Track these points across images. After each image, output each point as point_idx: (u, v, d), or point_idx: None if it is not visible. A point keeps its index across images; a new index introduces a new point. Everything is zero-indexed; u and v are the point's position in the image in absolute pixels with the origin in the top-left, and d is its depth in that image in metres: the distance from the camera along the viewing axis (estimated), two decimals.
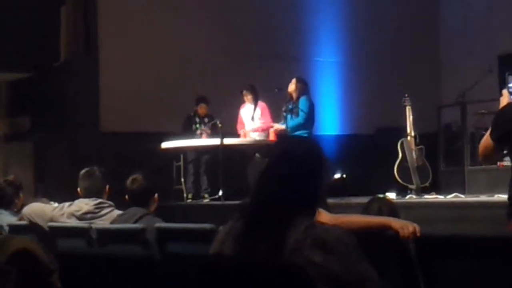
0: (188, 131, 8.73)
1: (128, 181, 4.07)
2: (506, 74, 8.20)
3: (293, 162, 2.16)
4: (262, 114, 8.40)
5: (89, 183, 4.25)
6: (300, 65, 10.17)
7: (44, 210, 4.35)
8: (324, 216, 2.63)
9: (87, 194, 4.23)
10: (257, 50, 10.18)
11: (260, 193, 2.15)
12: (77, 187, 4.34)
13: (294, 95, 8.01)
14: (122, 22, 9.66)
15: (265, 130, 8.39)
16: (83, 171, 4.31)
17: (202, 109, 8.82)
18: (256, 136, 8.41)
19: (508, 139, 2.95)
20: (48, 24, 9.57)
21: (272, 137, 8.26)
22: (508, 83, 8.11)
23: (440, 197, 7.36)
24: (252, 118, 8.42)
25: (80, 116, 9.43)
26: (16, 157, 9.58)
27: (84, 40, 9.66)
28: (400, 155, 7.87)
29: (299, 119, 7.86)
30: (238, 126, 8.57)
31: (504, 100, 3.04)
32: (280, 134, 8.02)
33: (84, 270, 3.78)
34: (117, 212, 4.17)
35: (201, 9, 10.11)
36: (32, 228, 4.28)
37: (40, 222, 4.27)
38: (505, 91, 3.10)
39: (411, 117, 7.96)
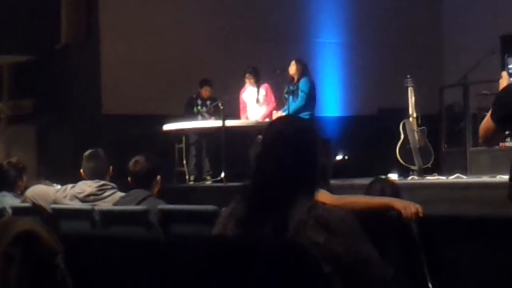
0: (189, 112, 8.73)
1: (131, 163, 4.08)
2: (506, 56, 8.17)
3: (287, 141, 2.16)
4: (266, 95, 8.38)
5: (93, 164, 4.26)
6: (301, 46, 10.14)
7: (47, 192, 4.36)
8: (326, 197, 2.64)
9: (91, 176, 4.24)
10: (258, 32, 10.14)
11: (259, 174, 2.16)
12: (79, 169, 4.35)
13: (295, 77, 8.00)
14: (123, 4, 9.62)
15: (270, 115, 8.34)
16: (87, 153, 4.33)
17: (206, 91, 8.81)
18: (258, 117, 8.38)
19: (509, 120, 2.95)
20: (49, 6, 9.53)
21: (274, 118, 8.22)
22: (508, 64, 8.08)
23: (442, 178, 7.37)
24: (257, 101, 8.40)
25: (82, 98, 9.42)
26: (19, 140, 9.58)
27: (85, 23, 9.62)
28: (402, 136, 7.87)
29: (299, 100, 7.85)
30: (242, 113, 8.53)
31: (503, 82, 3.04)
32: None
33: (88, 251, 3.79)
34: (120, 194, 4.18)
35: None
36: (35, 210, 4.29)
37: (43, 204, 4.29)
38: (504, 73, 3.10)
39: (413, 98, 7.95)
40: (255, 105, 8.42)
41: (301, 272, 1.86)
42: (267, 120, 8.26)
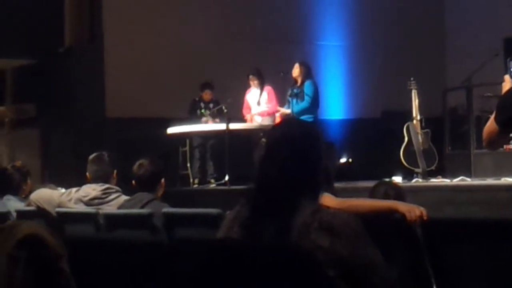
0: (193, 116, 8.73)
1: (135, 166, 4.08)
2: (508, 59, 8.14)
3: (291, 144, 2.15)
4: (268, 98, 8.38)
5: (96, 168, 4.25)
6: (305, 49, 10.14)
7: (52, 196, 4.36)
8: (330, 200, 2.63)
9: (94, 179, 4.24)
10: (262, 34, 10.14)
11: (262, 177, 2.16)
12: (83, 173, 4.36)
13: (299, 80, 8.00)
14: (126, 7, 9.63)
15: (271, 114, 8.37)
16: (92, 156, 4.33)
17: (207, 95, 8.82)
18: (261, 121, 8.40)
19: None
20: (52, 10, 9.55)
21: (278, 121, 8.23)
22: (510, 67, 8.05)
23: (446, 181, 7.35)
24: (258, 103, 8.41)
25: (85, 101, 9.43)
26: (23, 143, 9.59)
27: (88, 26, 9.64)
28: (406, 139, 7.86)
29: (304, 104, 7.85)
30: (244, 111, 8.55)
31: (506, 85, 3.04)
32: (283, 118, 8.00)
33: (92, 255, 3.79)
34: (124, 197, 4.18)
35: None
36: (40, 213, 4.29)
37: (47, 207, 4.29)
38: (507, 77, 3.10)
39: (417, 100, 7.94)
40: (257, 106, 8.44)
41: (305, 276, 1.86)
42: (266, 120, 8.27)
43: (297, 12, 10.57)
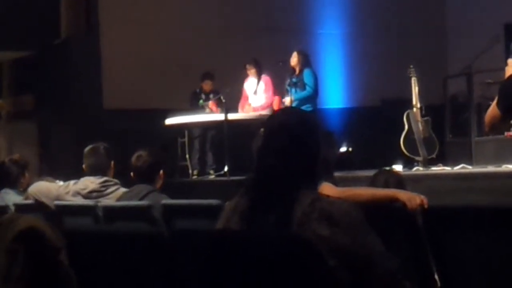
0: (195, 106, 8.70)
1: (133, 158, 4.05)
2: (511, 44, 8.09)
3: (289, 133, 2.13)
4: (265, 88, 8.34)
5: (93, 160, 4.23)
6: (303, 37, 10.10)
7: (50, 189, 4.34)
8: (330, 189, 2.62)
9: (92, 171, 4.22)
10: (261, 23, 10.10)
11: (261, 167, 2.14)
12: (81, 165, 4.33)
13: (297, 69, 7.97)
14: None
15: (265, 108, 8.32)
16: (87, 148, 4.30)
17: (207, 85, 8.78)
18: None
19: None
20: (48, 1, 9.51)
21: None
22: None
23: (447, 169, 7.33)
24: (255, 92, 8.39)
25: (83, 93, 9.40)
26: (21, 136, 9.58)
27: (85, 17, 9.60)
28: (406, 127, 7.83)
29: (306, 93, 7.82)
30: (242, 100, 8.52)
31: (510, 70, 3.02)
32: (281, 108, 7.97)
33: (91, 247, 3.78)
34: (123, 190, 4.16)
35: None
36: (38, 207, 4.28)
37: (46, 200, 4.27)
38: (510, 61, 3.07)
39: (416, 88, 7.90)
40: (253, 96, 8.41)
41: (304, 265, 1.84)
42: (266, 111, 8.23)
43: (295, 0, 10.52)
